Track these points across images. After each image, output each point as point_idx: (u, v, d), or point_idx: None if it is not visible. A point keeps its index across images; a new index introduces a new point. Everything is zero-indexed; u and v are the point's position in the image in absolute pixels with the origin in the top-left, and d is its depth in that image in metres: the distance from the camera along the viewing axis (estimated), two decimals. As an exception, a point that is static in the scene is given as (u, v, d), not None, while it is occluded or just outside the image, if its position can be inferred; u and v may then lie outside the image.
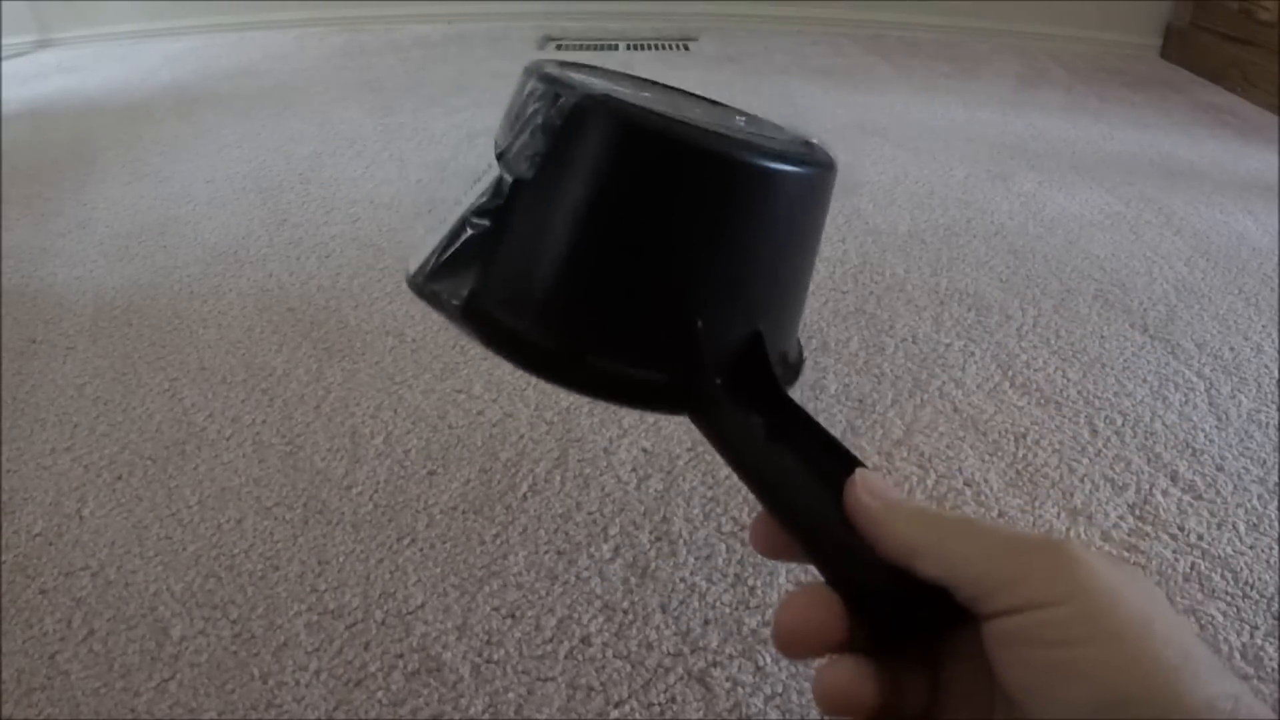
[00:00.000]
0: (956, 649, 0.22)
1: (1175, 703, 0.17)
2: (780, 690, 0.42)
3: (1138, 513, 0.53)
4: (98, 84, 1.58)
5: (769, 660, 0.43)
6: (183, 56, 1.77)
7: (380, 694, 0.42)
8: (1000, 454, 0.58)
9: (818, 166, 0.26)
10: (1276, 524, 0.53)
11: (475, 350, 0.69)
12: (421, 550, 0.50)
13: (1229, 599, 0.47)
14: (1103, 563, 0.19)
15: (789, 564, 0.36)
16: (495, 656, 0.44)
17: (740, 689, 0.42)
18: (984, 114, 1.34)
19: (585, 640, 0.44)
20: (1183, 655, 0.17)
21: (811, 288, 0.95)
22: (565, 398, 0.63)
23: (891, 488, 0.24)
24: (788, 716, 0.41)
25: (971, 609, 0.20)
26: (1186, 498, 0.55)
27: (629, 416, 0.61)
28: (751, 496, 0.41)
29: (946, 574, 0.20)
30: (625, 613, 0.46)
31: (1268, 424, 0.62)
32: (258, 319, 0.75)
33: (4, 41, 1.84)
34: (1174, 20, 1.76)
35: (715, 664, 0.43)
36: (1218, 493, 0.55)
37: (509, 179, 0.25)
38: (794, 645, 0.22)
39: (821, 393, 0.65)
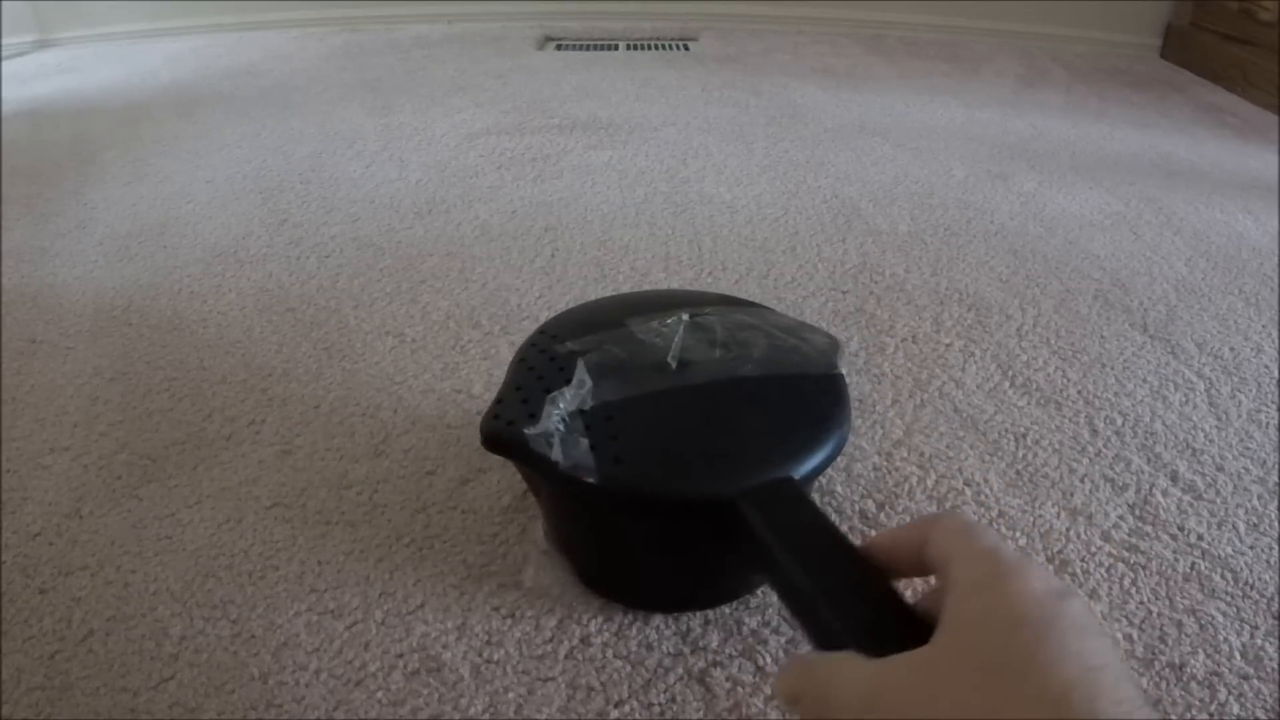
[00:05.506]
0: None
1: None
2: (780, 690, 0.42)
3: (1138, 513, 0.53)
4: (98, 84, 1.58)
5: (769, 660, 0.43)
6: (183, 56, 1.77)
7: (380, 694, 0.42)
8: (1000, 454, 0.58)
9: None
10: (1276, 524, 0.53)
11: (475, 350, 0.69)
12: (420, 550, 0.50)
13: (1229, 599, 0.47)
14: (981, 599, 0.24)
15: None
16: (495, 656, 0.44)
17: (740, 689, 0.42)
18: (984, 114, 1.34)
19: (585, 640, 0.44)
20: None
21: (812, 288, 0.94)
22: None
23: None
24: (788, 717, 0.41)
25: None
26: (1186, 498, 0.55)
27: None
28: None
29: None
30: (625, 613, 0.46)
31: (1268, 424, 0.62)
32: (257, 319, 0.75)
33: (4, 41, 1.84)
34: (1174, 20, 1.76)
35: (715, 664, 0.43)
36: (1218, 493, 0.55)
37: None
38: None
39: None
